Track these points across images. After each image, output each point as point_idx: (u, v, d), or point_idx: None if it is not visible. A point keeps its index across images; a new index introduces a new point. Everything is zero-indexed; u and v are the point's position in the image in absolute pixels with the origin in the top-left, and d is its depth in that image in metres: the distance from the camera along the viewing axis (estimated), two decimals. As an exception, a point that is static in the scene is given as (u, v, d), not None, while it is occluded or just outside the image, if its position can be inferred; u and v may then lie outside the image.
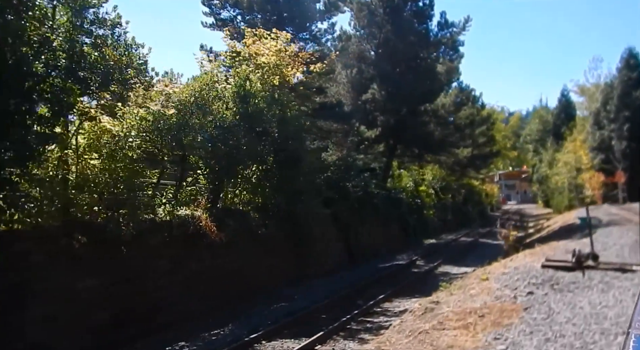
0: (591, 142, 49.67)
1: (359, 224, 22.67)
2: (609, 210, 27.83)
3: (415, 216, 31.70)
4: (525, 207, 79.54)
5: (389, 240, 26.66)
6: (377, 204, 25.23)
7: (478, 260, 20.46)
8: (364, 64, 26.95)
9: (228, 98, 13.00)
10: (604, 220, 21.75)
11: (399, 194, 30.19)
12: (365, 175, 24.29)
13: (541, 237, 23.51)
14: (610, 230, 17.30)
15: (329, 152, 24.25)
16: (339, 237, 20.49)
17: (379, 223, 25.53)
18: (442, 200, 40.12)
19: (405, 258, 22.07)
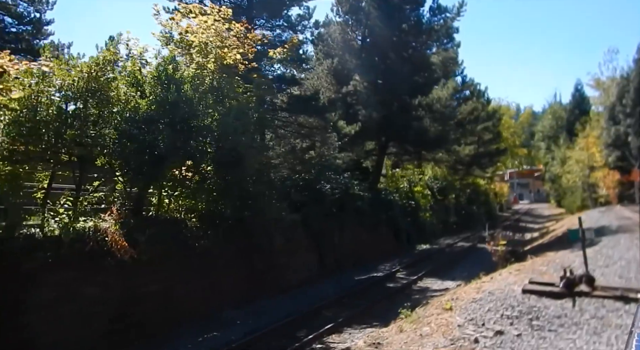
0: (606, 138, 46.72)
1: (338, 230, 20.36)
2: (621, 213, 25.14)
3: (409, 219, 29.26)
4: (537, 207, 76.43)
5: (377, 247, 24.30)
6: (361, 207, 22.89)
7: (467, 271, 18.15)
8: (348, 54, 24.55)
9: (147, 84, 10.76)
10: (614, 225, 19.22)
11: (390, 195, 27.79)
12: (346, 175, 21.91)
13: (541, 244, 21.00)
14: (617, 240, 14.79)
15: (311, 151, 21.97)
16: (310, 246, 18.20)
17: (364, 228, 23.20)
18: (440, 201, 37.55)
19: (388, 268, 19.72)
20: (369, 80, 23.65)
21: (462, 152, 37.23)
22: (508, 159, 64.10)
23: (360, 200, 23.23)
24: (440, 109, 29.42)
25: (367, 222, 23.35)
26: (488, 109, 47.41)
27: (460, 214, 43.89)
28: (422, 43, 27.39)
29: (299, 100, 20.35)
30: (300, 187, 18.71)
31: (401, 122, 24.68)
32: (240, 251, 14.05)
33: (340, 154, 23.90)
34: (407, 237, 28.01)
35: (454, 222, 40.98)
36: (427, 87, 27.96)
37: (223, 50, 12.27)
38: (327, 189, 20.43)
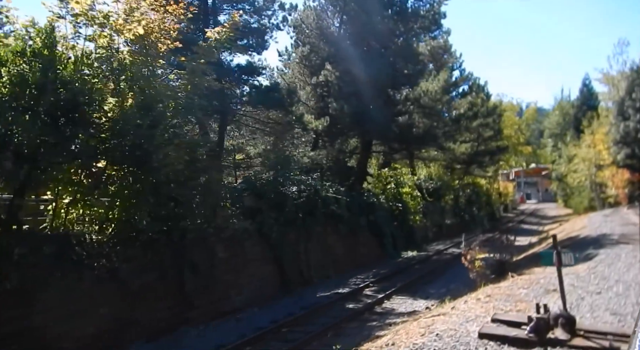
0: (614, 135, 43.93)
1: (304, 238, 18.05)
2: (627, 218, 22.51)
3: (396, 223, 26.85)
4: (544, 207, 73.53)
5: (355, 256, 21.98)
6: (336, 212, 20.57)
7: (446, 286, 15.91)
8: (323, 41, 22.17)
9: (8, 63, 8.49)
10: (616, 233, 16.72)
11: (373, 197, 25.39)
12: (315, 175, 19.61)
13: (535, 253, 18.47)
14: (618, 253, 12.31)
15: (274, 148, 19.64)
16: (266, 259, 15.87)
17: (340, 235, 20.90)
18: (434, 202, 35.06)
19: (360, 281, 17.35)
20: (343, 70, 21.22)
21: (458, 150, 34.67)
22: (512, 158, 61.27)
23: (335, 203, 20.91)
24: (430, 102, 26.92)
25: (344, 228, 21.02)
26: (488, 104, 44.72)
27: (459, 216, 41.41)
28: (408, 30, 24.97)
29: (258, 92, 18.03)
30: (255, 191, 16.38)
31: (383, 117, 22.21)
32: (165, 270, 11.75)
33: (315, 152, 21.56)
34: (392, 243, 25.63)
35: (451, 224, 38.52)
36: (414, 78, 25.53)
37: (121, 22, 9.96)
38: (294, 191, 18.12)
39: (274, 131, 18.98)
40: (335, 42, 22.15)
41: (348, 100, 20.19)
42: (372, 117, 21.55)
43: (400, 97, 26.56)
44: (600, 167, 42.99)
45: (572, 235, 18.45)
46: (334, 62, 21.55)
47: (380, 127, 22.52)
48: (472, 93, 44.98)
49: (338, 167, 30.36)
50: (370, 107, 21.66)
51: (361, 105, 21.00)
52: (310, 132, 20.49)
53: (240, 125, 19.33)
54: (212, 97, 17.30)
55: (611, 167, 40.40)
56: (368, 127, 21.77)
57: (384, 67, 23.09)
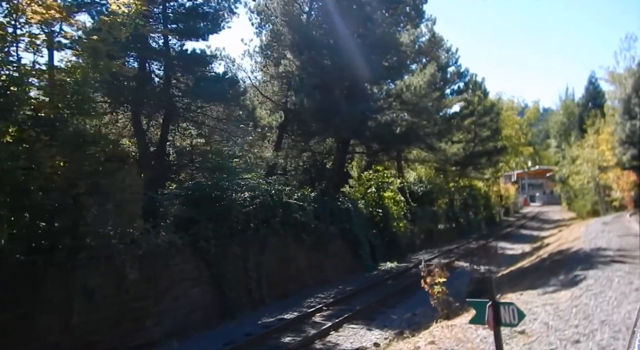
0: (620, 135, 41.35)
1: (256, 251, 15.74)
2: (628, 226, 19.96)
3: (376, 231, 24.52)
4: (548, 210, 70.73)
5: (323, 269, 19.66)
6: (300, 219, 18.26)
7: (413, 309, 13.55)
8: (288, 28, 19.83)
9: None
10: (613, 246, 14.31)
11: (348, 203, 23.05)
12: (270, 179, 17.35)
13: (521, 269, 16.09)
14: (609, 278, 9.87)
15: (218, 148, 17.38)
16: (201, 278, 13.54)
17: (305, 246, 18.58)
18: (424, 206, 32.67)
19: (315, 303, 15.02)
20: (307, 59, 18.85)
21: (450, 150, 32.23)
22: (512, 159, 58.55)
23: (300, 210, 18.62)
24: (414, 99, 24.50)
25: (309, 238, 18.69)
26: (485, 102, 42.24)
27: (454, 221, 39.01)
28: (387, 17, 22.64)
29: (205, 83, 15.75)
30: (191, 198, 14.07)
31: (357, 114, 19.85)
32: (44, 301, 9.46)
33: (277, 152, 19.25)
34: (371, 253, 23.30)
35: (444, 230, 36.14)
36: (395, 71, 23.19)
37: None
38: (246, 197, 15.84)
39: (223, 128, 16.64)
40: (301, 29, 19.80)
41: (310, 94, 17.83)
42: (343, 113, 19.18)
43: (379, 92, 24.22)
44: (605, 169, 40.45)
45: (564, 248, 16.03)
46: (297, 50, 19.20)
47: (353, 124, 20.17)
48: (468, 90, 42.63)
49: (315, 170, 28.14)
50: (341, 102, 19.29)
51: (328, 100, 18.65)
52: (269, 129, 18.17)
53: (187, 121, 17.02)
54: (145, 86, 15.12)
55: (615, 169, 37.86)
56: (337, 124, 19.38)
57: (358, 58, 20.76)
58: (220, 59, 18.48)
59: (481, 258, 16.10)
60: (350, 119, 19.24)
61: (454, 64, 42.29)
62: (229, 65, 19.39)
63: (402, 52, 24.27)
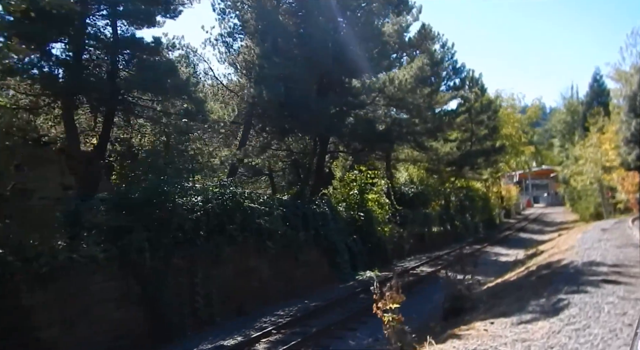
0: (625, 133, 39.33)
1: (205, 263, 13.94)
2: (629, 234, 17.95)
3: (356, 237, 22.69)
4: (551, 211, 68.58)
5: (291, 281, 17.86)
6: (264, 226, 16.48)
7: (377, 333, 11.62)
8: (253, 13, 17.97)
9: None
10: (609, 260, 12.42)
11: (325, 206, 21.26)
12: (224, 181, 15.61)
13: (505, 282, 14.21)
14: (598, 305, 7.92)
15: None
16: (131, 296, 11.76)
17: (270, 255, 16.75)
18: (415, 209, 30.81)
19: (269, 323, 13.25)
20: (271, 47, 17.00)
21: (442, 149, 30.33)
22: (513, 159, 56.47)
23: (265, 215, 16.85)
24: (398, 93, 22.69)
25: (275, 247, 16.88)
26: (483, 99, 40.30)
27: (449, 224, 37.12)
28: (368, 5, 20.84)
29: (152, 74, 13.98)
30: (123, 204, 12.30)
31: (326, 108, 18.03)
32: None
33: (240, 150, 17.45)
34: (350, 261, 21.51)
35: (438, 234, 34.26)
36: (375, 63, 21.36)
37: None
38: (197, 202, 14.10)
39: (175, 124, 14.85)
40: (269, 15, 17.96)
41: (272, 86, 15.99)
42: (313, 108, 17.35)
43: (362, 87, 22.38)
44: (609, 170, 38.45)
45: (554, 260, 14.16)
46: (260, 37, 17.37)
47: (324, 120, 18.36)
48: (464, 87, 40.71)
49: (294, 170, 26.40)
50: (310, 95, 17.45)
51: (295, 93, 16.80)
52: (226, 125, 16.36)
53: (136, 117, 15.27)
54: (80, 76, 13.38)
55: (620, 170, 35.88)
56: (305, 120, 17.54)
57: (335, 48, 19.02)
58: (177, 48, 16.71)
59: (466, 267, 14.24)
60: (321, 115, 17.41)
61: (450, 59, 40.42)
62: (189, 55, 17.68)
63: (385, 43, 22.44)
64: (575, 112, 66.13)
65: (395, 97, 22.78)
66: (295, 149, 23.70)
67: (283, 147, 23.25)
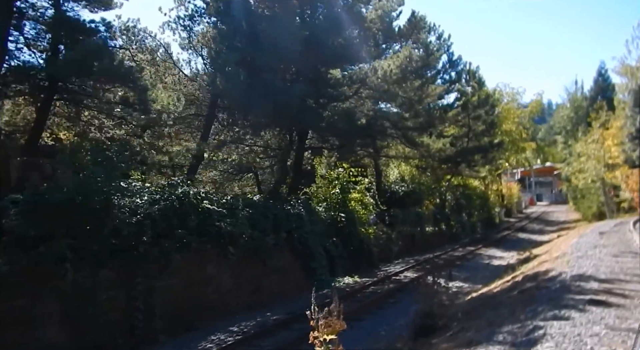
0: (630, 129, 37.50)
1: (150, 273, 12.36)
2: (629, 239, 16.14)
3: (337, 239, 21.11)
4: (554, 210, 66.68)
5: (260, 289, 16.31)
6: (226, 228, 14.91)
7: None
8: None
9: None
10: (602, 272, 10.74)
11: (302, 206, 19.69)
12: (173, 179, 14.04)
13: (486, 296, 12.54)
14: (580, 339, 6.18)
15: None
16: (46, 317, 10.14)
17: (234, 261, 15.14)
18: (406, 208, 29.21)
19: (216, 342, 11.68)
20: (230, 31, 15.31)
21: (434, 145, 28.64)
22: (513, 156, 54.55)
23: (227, 217, 15.29)
24: (382, 85, 21.06)
25: (239, 252, 15.28)
26: (480, 93, 38.54)
27: (445, 224, 35.47)
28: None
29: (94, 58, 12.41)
30: (38, 206, 10.68)
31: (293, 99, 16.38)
32: None
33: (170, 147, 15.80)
34: (329, 265, 19.94)
35: (431, 234, 32.61)
36: (354, 51, 19.73)
37: None
38: (137, 203, 12.54)
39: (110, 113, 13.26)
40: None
41: (231, 73, 14.35)
42: (279, 98, 15.71)
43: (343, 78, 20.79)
44: (612, 167, 36.65)
45: (542, 271, 12.46)
46: (220, 20, 15.70)
47: (289, 112, 16.72)
48: (461, 80, 39.04)
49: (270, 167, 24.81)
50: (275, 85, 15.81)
51: (259, 82, 15.16)
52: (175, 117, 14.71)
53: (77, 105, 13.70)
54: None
55: (623, 167, 34.10)
56: (269, 111, 15.90)
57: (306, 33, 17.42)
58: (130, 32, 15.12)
59: (440, 279, 12.67)
60: (287, 106, 15.78)
61: (446, 52, 38.70)
62: (144, 40, 16.08)
63: (367, 29, 20.88)
64: (580, 108, 64.10)
65: (379, 89, 21.15)
66: (273, 145, 22.08)
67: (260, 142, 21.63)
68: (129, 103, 12.66)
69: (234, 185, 31.00)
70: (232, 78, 14.34)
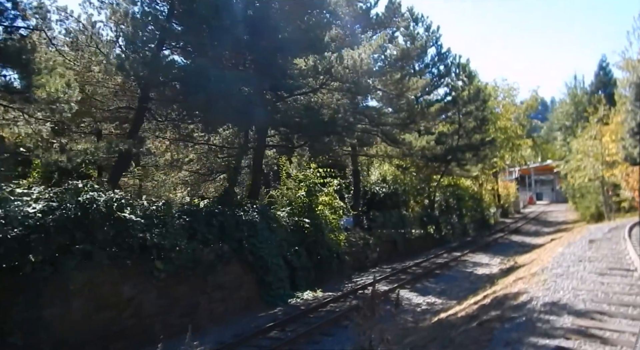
0: (630, 124, 35.20)
1: (37, 298, 10.17)
2: (621, 250, 13.66)
3: (299, 249, 18.90)
4: (553, 209, 64.31)
5: (196, 310, 14.09)
6: (151, 240, 12.74)
7: None
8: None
9: None
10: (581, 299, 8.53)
11: (257, 212, 17.50)
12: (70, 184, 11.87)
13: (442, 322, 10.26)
14: None
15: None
16: None
17: (163, 279, 12.95)
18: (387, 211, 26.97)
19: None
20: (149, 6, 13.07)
21: (416, 143, 26.36)
22: (507, 153, 52.07)
23: (154, 227, 13.13)
24: (351, 76, 18.83)
25: (169, 267, 13.10)
26: (471, 88, 36.17)
27: (433, 226, 33.18)
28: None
29: None
30: None
31: (232, 89, 14.13)
32: None
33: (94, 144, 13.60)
34: (290, 277, 17.82)
35: (418, 238, 30.34)
36: (316, 37, 17.50)
37: None
38: (23, 211, 10.37)
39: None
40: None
41: (148, 57, 12.10)
42: (213, 88, 13.44)
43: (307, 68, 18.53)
44: (612, 165, 34.31)
45: (512, 294, 10.14)
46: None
47: (244, 106, 14.51)
48: (450, 74, 36.67)
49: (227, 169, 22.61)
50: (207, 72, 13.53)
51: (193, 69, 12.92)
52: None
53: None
54: None
55: (623, 165, 31.79)
56: (201, 103, 13.65)
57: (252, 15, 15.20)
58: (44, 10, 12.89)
59: (377, 311, 10.38)
60: (226, 97, 13.52)
61: (435, 44, 36.39)
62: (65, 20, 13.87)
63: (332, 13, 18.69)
64: (580, 103, 61.73)
65: (345, 80, 18.89)
66: (226, 143, 19.89)
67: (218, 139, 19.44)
68: (10, 89, 10.45)
69: (208, 186, 28.89)
70: (152, 63, 12.10)
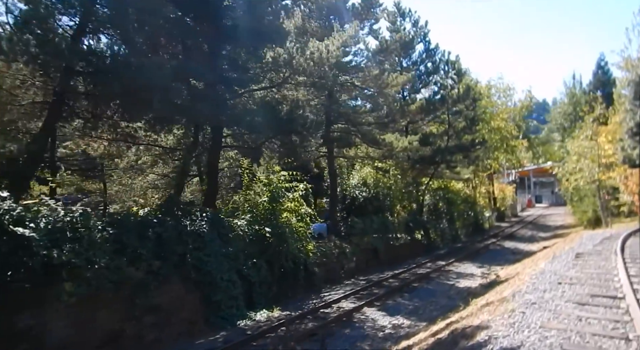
0: (629, 124, 33.27)
1: None
2: (611, 272, 11.58)
3: (258, 261, 16.96)
4: (552, 212, 62.35)
5: (121, 338, 12.13)
6: (60, 259, 10.80)
7: None
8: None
9: None
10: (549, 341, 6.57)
11: (211, 222, 15.58)
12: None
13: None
14: None
15: None
16: None
17: (73, 304, 11.02)
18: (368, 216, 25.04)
19: None
20: None
21: (398, 144, 24.41)
22: (501, 155, 50.01)
23: (65, 242, 11.22)
24: (315, 69, 16.97)
25: (87, 288, 11.20)
26: (460, 86, 34.25)
27: (421, 232, 31.24)
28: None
29: None
30: None
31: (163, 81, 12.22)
32: None
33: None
34: (246, 294, 15.91)
35: (404, 245, 28.38)
36: (272, 26, 15.59)
37: None
38: None
39: None
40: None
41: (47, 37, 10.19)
42: (146, 80, 11.54)
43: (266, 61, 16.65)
44: (609, 167, 32.35)
45: (473, 325, 8.17)
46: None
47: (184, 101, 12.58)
48: (439, 72, 34.87)
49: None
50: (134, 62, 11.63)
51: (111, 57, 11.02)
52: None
53: None
54: None
55: (621, 167, 29.85)
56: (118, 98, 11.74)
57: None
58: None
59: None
60: (152, 90, 11.60)
61: (422, 40, 34.61)
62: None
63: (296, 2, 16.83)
64: (578, 103, 59.90)
65: (308, 74, 17.01)
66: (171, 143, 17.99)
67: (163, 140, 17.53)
68: None
69: (184, 190, 27.02)
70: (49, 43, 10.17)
